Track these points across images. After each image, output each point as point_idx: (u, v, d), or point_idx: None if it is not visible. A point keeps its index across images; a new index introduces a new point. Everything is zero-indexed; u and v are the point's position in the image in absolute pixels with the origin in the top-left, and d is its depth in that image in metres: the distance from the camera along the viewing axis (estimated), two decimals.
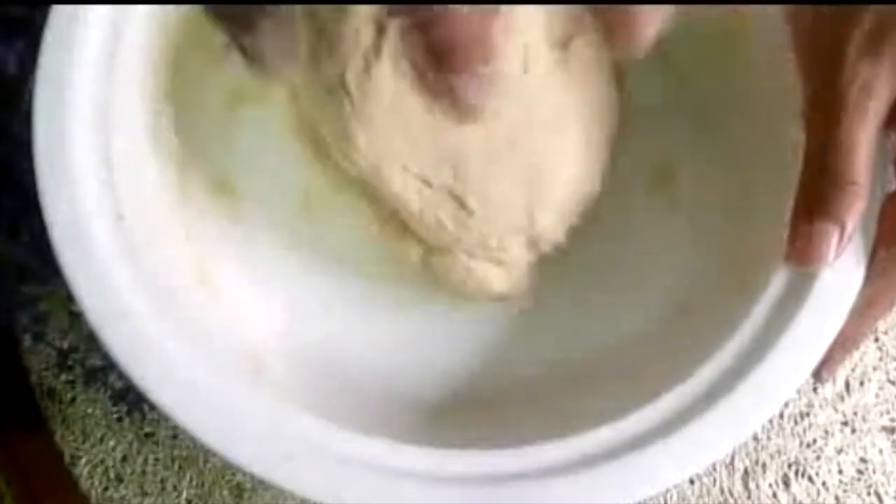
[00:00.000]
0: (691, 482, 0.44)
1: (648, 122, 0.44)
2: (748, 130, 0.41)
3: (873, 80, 0.33)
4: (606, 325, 0.42)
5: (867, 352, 0.46)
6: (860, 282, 0.35)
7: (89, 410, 0.45)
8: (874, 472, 0.44)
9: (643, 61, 0.44)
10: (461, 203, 0.37)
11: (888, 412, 0.45)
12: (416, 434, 0.35)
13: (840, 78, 0.34)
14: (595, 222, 0.43)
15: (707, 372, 0.35)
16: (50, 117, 0.36)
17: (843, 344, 0.35)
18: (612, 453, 0.33)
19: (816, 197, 0.34)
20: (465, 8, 0.32)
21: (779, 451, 0.45)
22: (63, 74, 0.36)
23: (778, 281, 0.35)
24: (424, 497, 0.32)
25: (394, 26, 0.34)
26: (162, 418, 0.44)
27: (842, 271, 0.35)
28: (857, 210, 0.34)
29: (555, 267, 0.43)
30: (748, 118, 0.41)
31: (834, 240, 0.34)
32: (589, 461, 0.33)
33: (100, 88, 0.37)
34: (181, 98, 0.42)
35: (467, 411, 0.40)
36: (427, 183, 0.37)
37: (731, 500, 0.44)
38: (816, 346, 0.34)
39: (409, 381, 0.41)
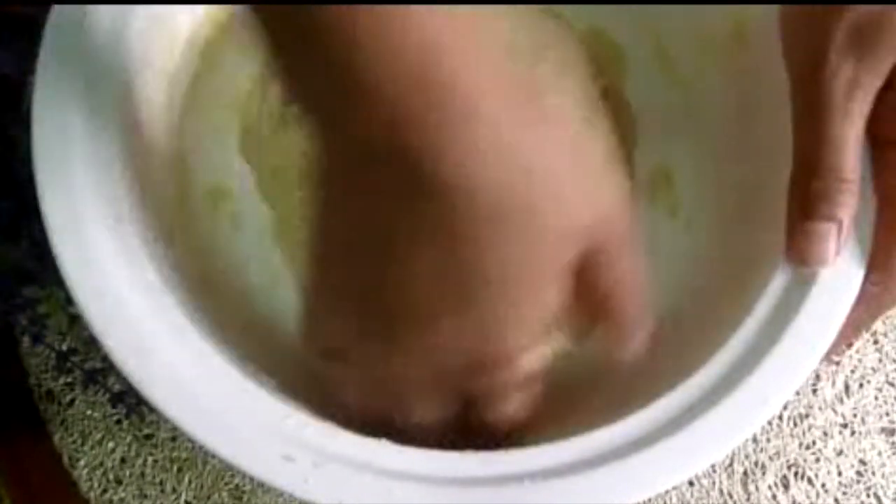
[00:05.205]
0: (690, 484, 0.44)
1: (647, 126, 0.44)
2: (747, 134, 0.41)
3: (856, 78, 0.34)
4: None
5: (867, 354, 0.46)
6: (859, 283, 0.35)
7: (88, 412, 0.45)
8: (873, 474, 0.44)
9: (643, 64, 0.45)
10: None
11: (887, 414, 0.45)
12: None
13: (823, 77, 0.34)
14: None
15: (706, 374, 0.35)
16: (49, 119, 0.36)
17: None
18: (611, 455, 0.33)
19: (811, 196, 0.34)
20: None
21: (778, 453, 0.45)
22: (62, 76, 0.36)
23: (776, 284, 0.35)
24: (424, 498, 0.32)
25: None
26: (161, 420, 0.44)
27: (840, 274, 0.35)
28: (851, 206, 0.34)
29: None
30: (747, 122, 0.41)
31: (832, 238, 0.34)
32: (588, 463, 0.33)
33: (99, 90, 0.37)
34: (180, 101, 0.42)
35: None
36: None
37: (730, 502, 0.44)
38: (815, 348, 0.34)
39: None
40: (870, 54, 0.34)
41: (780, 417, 0.45)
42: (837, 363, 0.46)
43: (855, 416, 0.45)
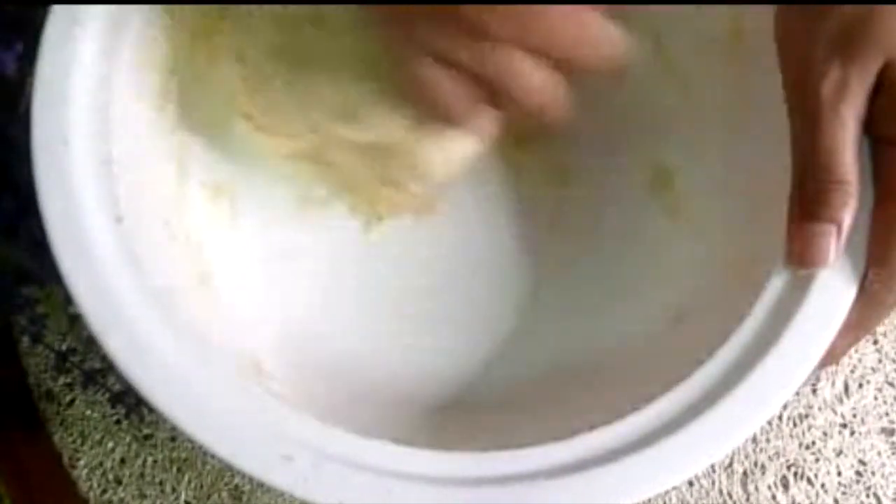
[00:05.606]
0: (690, 484, 0.44)
1: (648, 124, 0.44)
2: (748, 132, 0.41)
3: (845, 79, 0.34)
4: (605, 327, 0.42)
5: (866, 354, 0.46)
6: (858, 283, 0.35)
7: (88, 412, 0.45)
8: (873, 474, 0.44)
9: (643, 62, 0.45)
10: None
11: (887, 414, 0.45)
12: (415, 435, 0.35)
13: (812, 79, 0.34)
14: (594, 224, 0.43)
15: (706, 374, 0.35)
16: (48, 118, 0.36)
17: (825, 357, 0.35)
18: (611, 455, 0.33)
19: (809, 198, 0.35)
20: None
21: (778, 453, 0.45)
22: (61, 75, 0.36)
23: (776, 284, 0.35)
24: (424, 498, 0.32)
25: None
26: (160, 420, 0.44)
27: (839, 274, 0.35)
28: (850, 208, 0.34)
29: (554, 269, 0.43)
30: (748, 120, 0.41)
31: (832, 239, 0.34)
32: (589, 463, 0.33)
33: (98, 89, 0.37)
34: (180, 99, 0.42)
35: (467, 413, 0.40)
36: None
37: (729, 502, 0.44)
38: (814, 348, 0.34)
39: (409, 383, 0.41)
40: (857, 55, 0.34)
41: (780, 417, 0.45)
42: (837, 363, 0.46)
43: (854, 416, 0.45)
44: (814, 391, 0.45)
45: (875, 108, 0.34)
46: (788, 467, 0.45)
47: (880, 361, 0.46)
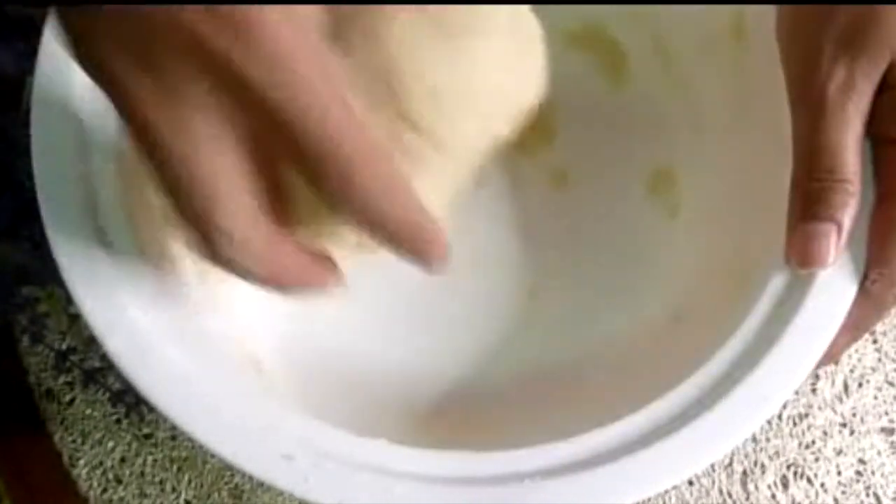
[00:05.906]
0: (690, 483, 0.44)
1: (648, 124, 0.44)
2: (748, 133, 0.41)
3: (850, 79, 0.34)
4: (605, 327, 0.42)
5: (866, 353, 0.46)
6: (858, 282, 0.35)
7: (88, 412, 0.45)
8: (873, 473, 0.44)
9: (643, 62, 0.45)
10: None
11: (886, 413, 0.45)
12: (415, 435, 0.35)
13: (818, 79, 0.34)
14: (594, 224, 0.43)
15: (706, 373, 0.35)
16: (48, 118, 0.36)
17: (824, 357, 0.35)
18: (610, 455, 0.33)
19: (810, 197, 0.34)
20: None
21: (777, 453, 0.45)
22: (62, 75, 0.36)
23: (775, 284, 0.35)
24: (423, 498, 0.32)
25: None
26: (160, 419, 0.44)
27: (838, 275, 0.35)
28: (851, 207, 0.34)
29: (553, 269, 0.43)
30: (748, 120, 0.41)
31: (832, 239, 0.34)
32: (588, 462, 0.33)
33: (98, 89, 0.37)
34: None
35: (467, 412, 0.40)
36: None
37: (729, 502, 0.44)
38: (814, 348, 0.34)
39: (409, 382, 0.41)
40: (863, 54, 0.34)
41: (780, 417, 0.45)
42: (836, 362, 0.46)
43: (854, 415, 0.45)
44: (813, 390, 0.45)
45: (878, 107, 0.34)
46: (788, 467, 0.45)
47: (880, 361, 0.46)
